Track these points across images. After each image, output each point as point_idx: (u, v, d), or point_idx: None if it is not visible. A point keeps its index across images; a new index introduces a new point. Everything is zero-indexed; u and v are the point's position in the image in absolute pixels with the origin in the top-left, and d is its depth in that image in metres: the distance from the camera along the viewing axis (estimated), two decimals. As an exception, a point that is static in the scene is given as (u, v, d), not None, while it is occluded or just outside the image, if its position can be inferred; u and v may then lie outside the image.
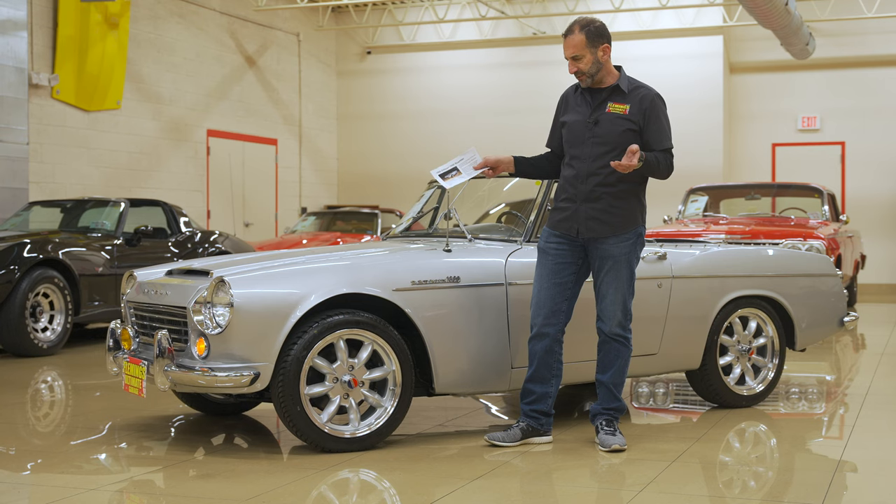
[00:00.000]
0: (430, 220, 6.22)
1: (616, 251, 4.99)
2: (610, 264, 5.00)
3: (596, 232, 5.00)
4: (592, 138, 5.00)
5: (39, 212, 10.71)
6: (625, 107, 4.99)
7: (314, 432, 4.84)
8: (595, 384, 5.21)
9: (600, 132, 4.99)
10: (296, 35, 18.11)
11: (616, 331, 5.04)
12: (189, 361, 4.84)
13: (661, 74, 17.33)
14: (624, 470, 4.71)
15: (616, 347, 5.06)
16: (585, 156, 5.01)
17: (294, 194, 18.18)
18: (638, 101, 5.01)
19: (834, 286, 6.70)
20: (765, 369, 6.28)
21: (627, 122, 4.98)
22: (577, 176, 5.03)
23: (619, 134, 4.97)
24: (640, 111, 4.99)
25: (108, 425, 5.80)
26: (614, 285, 5.01)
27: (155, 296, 5.25)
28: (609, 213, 4.99)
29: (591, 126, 5.02)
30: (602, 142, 4.98)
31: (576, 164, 5.04)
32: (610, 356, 5.08)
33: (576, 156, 5.05)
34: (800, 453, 5.24)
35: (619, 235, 5.00)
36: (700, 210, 12.40)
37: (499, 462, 4.80)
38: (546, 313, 5.04)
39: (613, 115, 4.99)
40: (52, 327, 9.07)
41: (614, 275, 5.00)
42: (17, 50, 11.90)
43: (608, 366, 5.09)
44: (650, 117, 5.00)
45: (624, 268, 5.01)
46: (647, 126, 5.00)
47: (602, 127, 5.00)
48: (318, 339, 4.81)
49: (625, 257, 5.01)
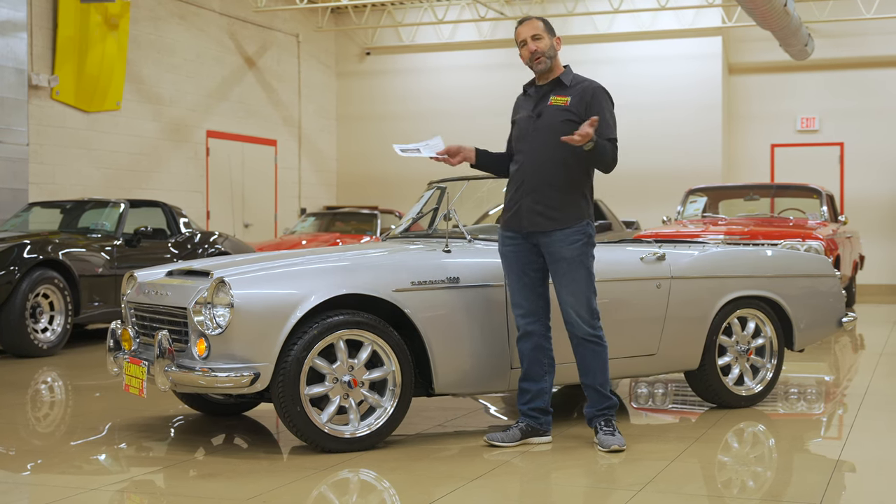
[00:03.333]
0: (429, 221, 6.23)
1: (567, 253, 4.99)
2: (564, 267, 5.00)
3: (539, 225, 5.00)
4: (534, 131, 5.06)
5: (39, 213, 10.72)
6: (566, 99, 5.05)
7: (314, 432, 4.85)
8: (581, 387, 5.21)
9: (541, 125, 5.05)
10: (295, 36, 18.12)
11: (587, 331, 5.04)
12: (189, 362, 4.85)
13: (660, 75, 17.41)
14: (623, 470, 4.73)
15: (591, 349, 5.07)
16: (528, 149, 5.06)
17: (293, 195, 18.19)
18: (580, 92, 5.05)
19: (832, 287, 6.72)
20: (763, 370, 6.30)
21: (568, 112, 5.01)
22: (520, 170, 5.06)
23: (560, 125, 4.99)
24: (582, 102, 5.02)
25: (108, 426, 5.81)
26: (572, 288, 5.01)
27: (155, 296, 5.26)
28: (551, 207, 4.99)
29: (533, 119, 5.08)
30: (543, 133, 5.03)
31: (519, 158, 5.09)
32: (588, 359, 5.09)
33: (520, 150, 5.11)
34: (798, 453, 5.26)
35: (563, 230, 4.98)
36: (699, 211, 12.41)
37: (498, 462, 4.82)
38: (525, 313, 5.08)
39: (555, 107, 5.05)
40: (52, 328, 9.08)
41: (571, 277, 5.01)
42: (16, 51, 11.91)
43: (588, 368, 5.10)
44: (592, 108, 4.99)
45: (579, 269, 5.01)
46: (589, 116, 4.93)
47: (543, 119, 5.05)
48: (318, 339, 4.82)
49: (578, 259, 5.00)
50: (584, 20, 17.70)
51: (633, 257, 5.85)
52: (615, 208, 14.52)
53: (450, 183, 6.24)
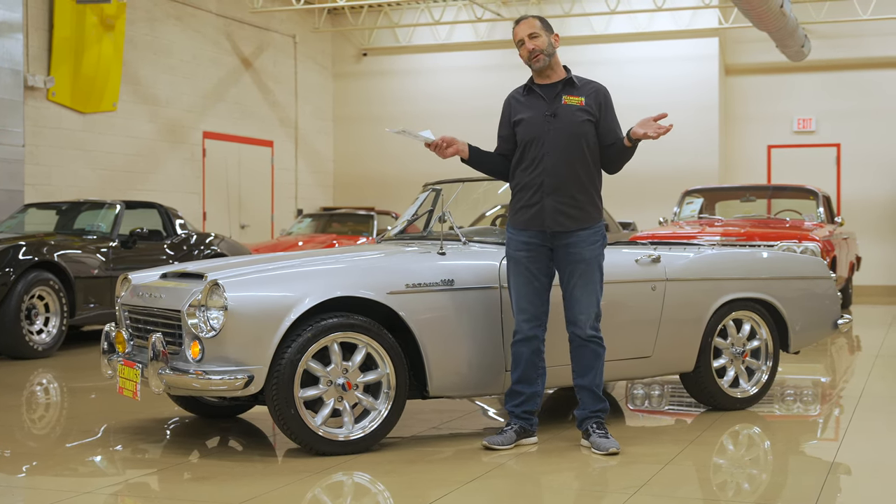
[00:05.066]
0: (424, 223, 6.22)
1: (588, 254, 5.03)
2: (583, 268, 5.03)
3: (563, 226, 5.02)
4: (552, 131, 5.05)
5: (35, 214, 10.71)
6: (580, 99, 5.09)
7: (308, 435, 4.84)
8: (574, 389, 5.20)
9: (559, 124, 5.05)
10: (292, 37, 18.11)
11: (591, 333, 5.06)
12: (183, 364, 4.84)
13: (656, 76, 17.41)
14: (618, 473, 4.72)
15: (594, 350, 5.08)
16: (547, 149, 5.04)
17: (290, 196, 18.18)
18: (593, 93, 5.12)
19: (828, 289, 6.72)
20: (759, 372, 6.29)
21: (585, 113, 5.07)
22: (538, 170, 5.04)
23: (578, 124, 5.05)
24: (596, 103, 5.10)
25: (103, 428, 5.80)
26: (588, 289, 5.04)
27: (149, 299, 5.25)
28: (575, 207, 5.03)
29: (549, 119, 5.07)
30: (562, 133, 5.03)
31: (535, 158, 5.06)
32: (588, 359, 5.09)
33: (536, 150, 5.06)
34: (793, 456, 5.26)
35: (585, 230, 5.03)
36: (695, 212, 12.41)
37: (493, 464, 4.81)
38: (529, 318, 5.06)
39: (571, 106, 5.07)
40: (47, 329, 9.07)
41: (587, 278, 5.03)
42: (12, 52, 11.89)
43: (587, 369, 5.10)
44: (605, 109, 5.12)
45: (596, 270, 5.07)
46: (604, 117, 5.11)
47: (561, 119, 5.05)
48: (313, 342, 4.81)
49: (595, 260, 5.06)
50: (581, 21, 17.69)
51: (628, 259, 5.85)
52: (611, 209, 14.44)
53: (445, 185, 6.24)
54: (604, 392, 5.20)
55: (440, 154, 5.19)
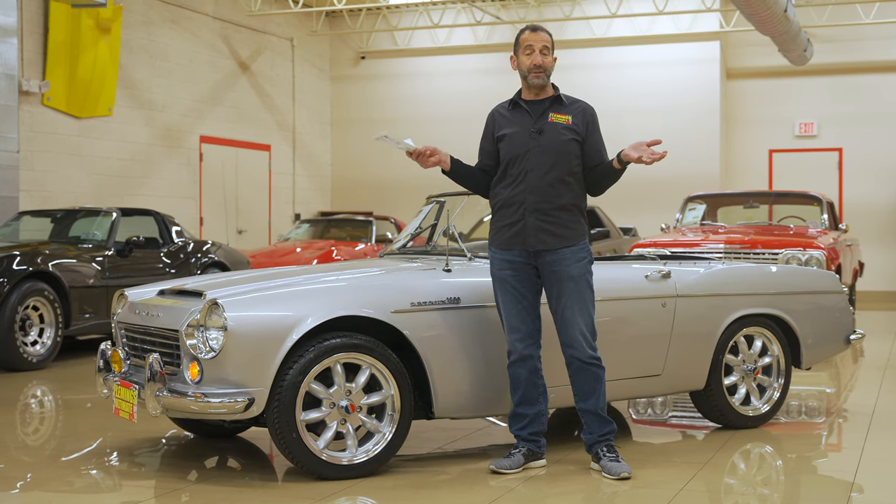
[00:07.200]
0: (428, 237, 6.08)
1: (575, 271, 4.88)
2: (572, 287, 4.87)
3: (547, 244, 4.88)
4: (537, 147, 4.92)
5: (29, 222, 10.55)
6: (567, 117, 4.97)
7: (310, 459, 4.69)
8: (578, 412, 5.04)
9: (544, 141, 4.92)
10: (289, 40, 17.96)
11: (588, 354, 4.90)
12: (181, 386, 4.69)
13: (657, 80, 17.28)
14: (630, 498, 4.58)
15: (594, 372, 4.92)
16: (531, 166, 4.90)
17: (288, 201, 18.03)
18: (581, 112, 5.00)
19: (839, 303, 6.58)
20: (770, 389, 6.15)
21: (571, 131, 4.94)
22: (521, 187, 4.91)
23: (564, 143, 4.93)
24: (583, 122, 4.98)
25: (98, 442, 5.68)
26: (580, 308, 4.88)
27: (146, 317, 5.10)
28: (558, 225, 4.89)
29: (534, 135, 4.93)
30: (547, 151, 4.91)
31: (518, 175, 4.92)
32: (590, 382, 4.93)
33: (518, 166, 4.92)
34: (809, 477, 5.11)
35: (570, 247, 4.89)
36: (698, 218, 12.25)
37: (502, 489, 4.67)
38: (523, 337, 4.92)
39: (557, 124, 4.95)
40: (41, 341, 8.91)
41: (577, 297, 4.88)
42: (7, 56, 11.72)
43: (590, 392, 4.94)
44: (591, 129, 5.00)
45: (585, 288, 4.91)
46: (590, 137, 4.99)
47: (546, 136, 4.93)
48: (315, 363, 4.66)
49: (584, 278, 4.91)
50: (582, 24, 17.55)
51: (638, 275, 5.71)
52: (612, 214, 14.38)
53: (449, 198, 6.08)
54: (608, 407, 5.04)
55: (422, 163, 5.04)
